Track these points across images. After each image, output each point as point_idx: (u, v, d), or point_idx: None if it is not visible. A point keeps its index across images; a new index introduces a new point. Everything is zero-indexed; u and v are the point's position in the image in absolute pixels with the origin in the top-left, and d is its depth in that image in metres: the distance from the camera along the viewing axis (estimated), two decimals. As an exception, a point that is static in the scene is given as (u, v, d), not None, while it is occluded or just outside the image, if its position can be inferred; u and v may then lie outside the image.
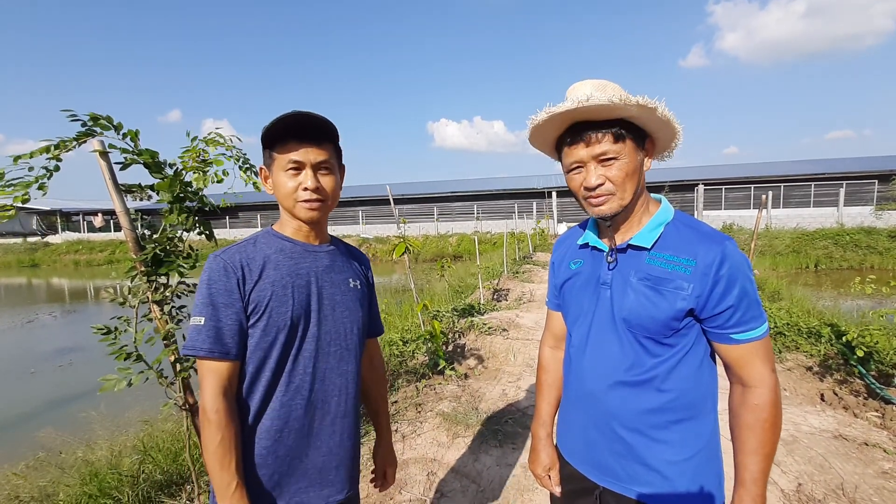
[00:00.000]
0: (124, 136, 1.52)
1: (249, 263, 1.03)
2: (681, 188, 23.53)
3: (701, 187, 20.11)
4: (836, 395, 3.62)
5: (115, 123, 1.48)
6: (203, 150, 1.79)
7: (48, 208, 34.32)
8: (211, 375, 0.98)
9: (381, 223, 28.68)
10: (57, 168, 1.46)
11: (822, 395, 3.68)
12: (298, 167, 1.05)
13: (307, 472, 1.07)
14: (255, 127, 1.14)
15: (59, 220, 34.37)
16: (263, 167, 1.12)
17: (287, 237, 1.12)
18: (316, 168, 1.06)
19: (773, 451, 0.96)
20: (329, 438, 1.10)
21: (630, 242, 1.03)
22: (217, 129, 1.84)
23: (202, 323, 0.97)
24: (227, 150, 1.83)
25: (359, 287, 1.20)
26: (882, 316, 3.69)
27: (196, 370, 1.46)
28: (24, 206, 1.49)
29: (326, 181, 1.08)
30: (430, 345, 4.41)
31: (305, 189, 1.05)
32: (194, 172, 1.76)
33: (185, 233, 1.84)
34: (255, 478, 1.02)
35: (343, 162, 1.19)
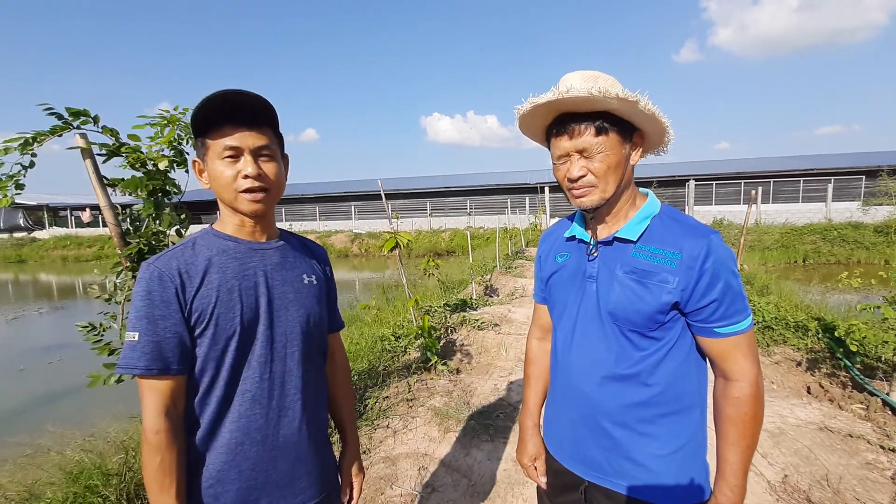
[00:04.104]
0: (104, 129, 1.49)
1: (188, 269, 0.94)
2: (672, 183, 23.66)
3: (692, 182, 20.22)
4: (822, 387, 3.67)
5: (92, 116, 1.44)
6: (179, 135, 1.70)
7: (35, 203, 33.78)
8: (151, 394, 0.90)
9: (373, 218, 28.58)
10: (32, 164, 1.41)
11: (808, 387, 3.73)
12: (236, 154, 0.95)
13: (277, 483, 1.01)
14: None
15: (46, 215, 33.86)
16: (197, 160, 1.00)
17: (229, 236, 1.02)
18: (256, 154, 0.96)
19: (754, 444, 0.97)
20: (296, 446, 1.03)
21: (616, 235, 1.03)
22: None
23: (136, 339, 0.90)
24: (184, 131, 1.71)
25: (314, 282, 1.11)
26: (870, 309, 3.73)
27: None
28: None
29: (269, 168, 0.98)
30: (422, 340, 4.41)
31: (246, 177, 0.95)
32: (173, 163, 1.70)
33: (174, 228, 1.81)
34: (218, 495, 0.96)
35: (286, 151, 1.09)
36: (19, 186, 1.42)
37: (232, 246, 1.00)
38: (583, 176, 0.98)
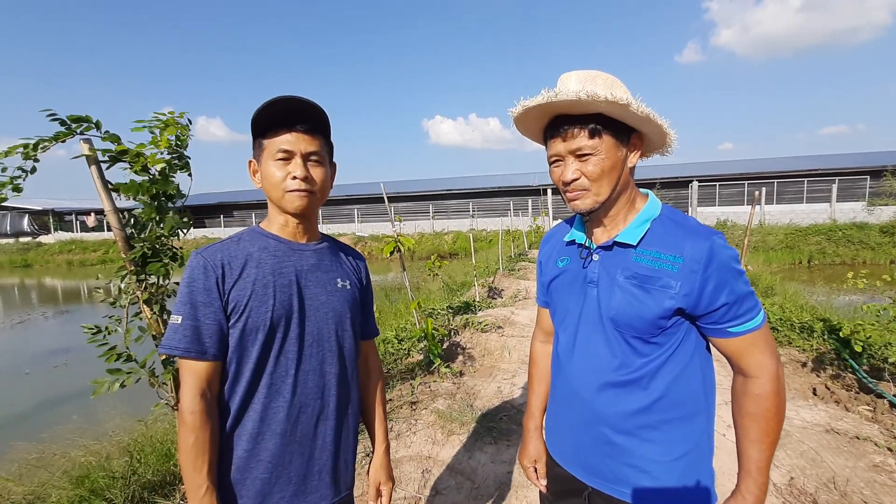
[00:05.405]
0: (105, 135, 1.50)
1: (231, 262, 1.00)
2: (675, 185, 23.60)
3: (695, 184, 20.19)
4: (829, 389, 3.65)
5: (94, 122, 1.45)
6: (178, 137, 1.66)
7: (40, 208, 34.00)
8: (189, 375, 0.96)
9: (376, 221, 28.64)
10: (34, 169, 1.42)
11: (814, 389, 3.71)
12: (288, 156, 1.02)
13: (291, 478, 1.03)
14: (247, 125, 1.10)
15: (51, 220, 34.08)
16: (252, 160, 1.08)
17: (273, 235, 1.08)
18: (306, 158, 1.03)
19: (777, 440, 0.95)
20: (312, 443, 1.06)
21: (616, 240, 1.01)
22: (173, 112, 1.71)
23: (179, 322, 0.96)
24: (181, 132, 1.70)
25: (348, 288, 1.15)
26: (878, 311, 3.70)
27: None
28: (15, 205, 1.46)
29: (316, 172, 1.05)
30: (424, 343, 4.41)
31: (294, 178, 1.01)
32: (174, 166, 1.69)
33: (180, 231, 1.81)
34: (237, 482, 1.00)
35: (334, 160, 1.15)
36: (17, 189, 1.42)
37: (273, 244, 1.06)
38: (576, 179, 0.97)
